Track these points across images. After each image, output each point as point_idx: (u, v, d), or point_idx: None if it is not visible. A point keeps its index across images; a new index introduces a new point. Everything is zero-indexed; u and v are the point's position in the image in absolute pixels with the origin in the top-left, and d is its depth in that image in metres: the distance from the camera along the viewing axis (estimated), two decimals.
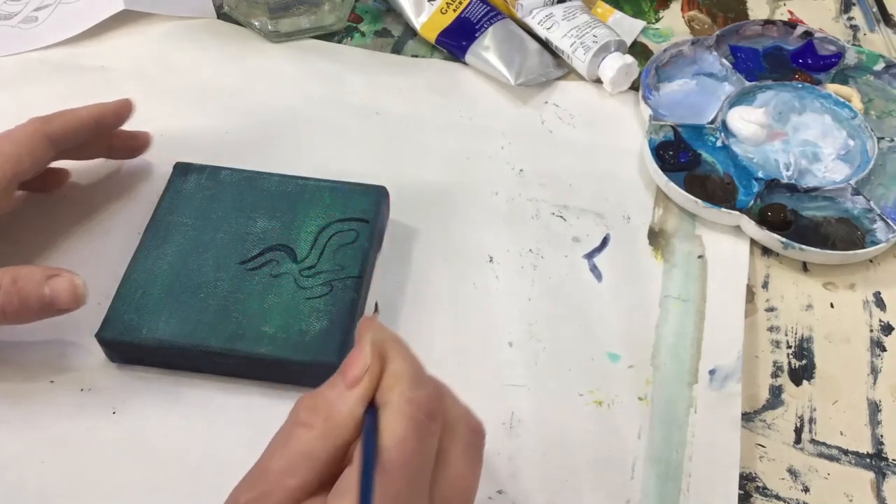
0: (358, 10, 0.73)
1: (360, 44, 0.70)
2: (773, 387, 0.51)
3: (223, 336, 0.47)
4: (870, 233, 0.57)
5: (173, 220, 0.53)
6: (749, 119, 0.61)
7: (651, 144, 0.60)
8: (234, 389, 0.49)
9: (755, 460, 0.48)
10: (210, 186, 0.55)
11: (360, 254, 0.51)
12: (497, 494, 0.45)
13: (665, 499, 0.46)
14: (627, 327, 0.53)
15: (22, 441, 0.47)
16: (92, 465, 0.46)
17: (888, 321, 0.54)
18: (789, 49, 0.69)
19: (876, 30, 0.73)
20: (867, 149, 0.61)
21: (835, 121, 0.63)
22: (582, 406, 0.49)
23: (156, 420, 0.48)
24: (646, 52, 0.70)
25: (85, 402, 0.48)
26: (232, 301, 0.49)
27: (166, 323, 0.48)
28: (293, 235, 0.52)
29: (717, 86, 0.66)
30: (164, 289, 0.49)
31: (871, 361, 0.52)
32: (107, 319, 0.48)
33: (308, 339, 0.47)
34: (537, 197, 0.59)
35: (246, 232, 0.52)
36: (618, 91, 0.66)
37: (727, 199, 0.58)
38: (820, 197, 0.58)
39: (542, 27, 0.68)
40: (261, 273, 0.50)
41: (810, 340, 0.53)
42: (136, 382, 0.49)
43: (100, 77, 0.65)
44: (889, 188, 0.59)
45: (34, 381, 0.49)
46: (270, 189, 0.55)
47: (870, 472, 0.48)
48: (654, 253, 0.57)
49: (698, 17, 0.74)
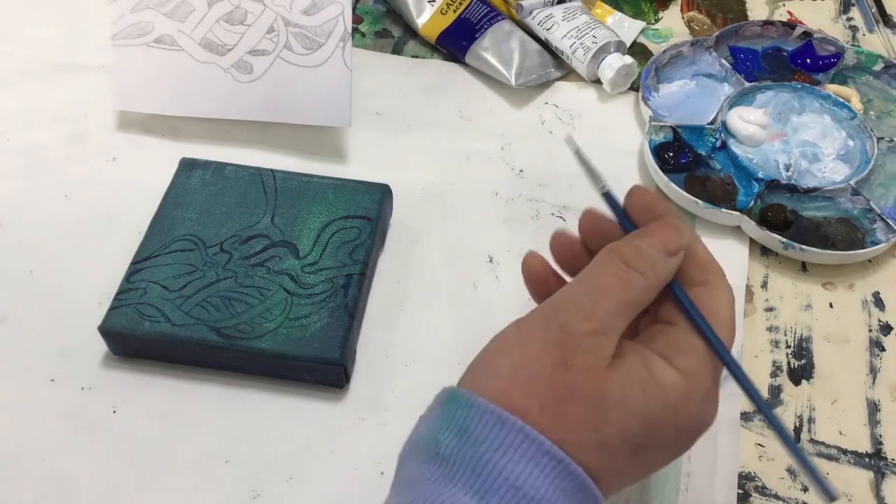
0: (358, 11, 0.73)
1: (360, 44, 0.70)
2: (772, 386, 0.51)
3: (225, 331, 0.48)
4: (869, 233, 0.57)
5: (178, 214, 0.53)
6: (749, 120, 0.61)
7: (651, 145, 0.61)
8: (235, 387, 0.49)
9: (754, 460, 0.48)
10: (215, 182, 0.55)
11: (363, 251, 0.51)
12: None
13: (664, 498, 0.46)
14: None
15: (22, 440, 0.47)
16: (92, 464, 0.46)
17: (887, 321, 0.54)
18: (788, 50, 0.69)
19: (875, 30, 0.74)
20: (867, 149, 0.61)
21: (834, 121, 0.63)
22: None
23: (156, 418, 0.48)
24: (645, 53, 0.70)
25: (85, 401, 0.48)
26: (234, 296, 0.49)
27: (169, 316, 0.48)
28: (296, 232, 0.52)
29: (716, 86, 0.66)
30: (168, 282, 0.49)
31: (870, 361, 0.53)
32: (110, 312, 0.48)
33: (309, 335, 0.48)
34: (537, 197, 0.60)
35: (249, 228, 0.52)
36: (617, 92, 0.66)
37: (727, 200, 0.58)
38: (820, 197, 0.58)
39: (541, 28, 0.68)
40: (263, 269, 0.50)
41: (809, 340, 0.53)
42: (137, 381, 0.49)
43: (100, 77, 0.65)
44: (889, 188, 0.59)
45: (34, 380, 0.49)
46: (274, 186, 0.55)
47: (869, 472, 0.48)
48: None
49: (697, 18, 0.74)
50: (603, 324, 0.34)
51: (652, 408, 0.33)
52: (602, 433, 0.32)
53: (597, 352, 0.33)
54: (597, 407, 0.32)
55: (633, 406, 0.33)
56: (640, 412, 0.33)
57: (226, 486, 0.46)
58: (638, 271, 0.35)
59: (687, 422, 0.34)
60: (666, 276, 0.36)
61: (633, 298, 0.34)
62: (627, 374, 0.33)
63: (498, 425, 0.31)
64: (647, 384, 0.33)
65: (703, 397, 0.34)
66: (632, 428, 0.33)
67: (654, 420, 0.33)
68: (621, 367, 0.33)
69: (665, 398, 0.33)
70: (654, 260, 0.35)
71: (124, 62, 0.60)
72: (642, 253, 0.35)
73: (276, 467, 0.46)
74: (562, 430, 0.32)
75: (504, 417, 0.31)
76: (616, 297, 0.34)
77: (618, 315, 0.34)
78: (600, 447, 0.32)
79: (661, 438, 0.34)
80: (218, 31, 0.60)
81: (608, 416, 0.32)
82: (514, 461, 0.31)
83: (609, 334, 0.34)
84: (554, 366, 0.32)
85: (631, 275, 0.35)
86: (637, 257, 0.35)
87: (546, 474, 0.31)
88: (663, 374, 0.34)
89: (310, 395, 0.49)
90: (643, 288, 0.35)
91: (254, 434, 0.47)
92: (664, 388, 0.33)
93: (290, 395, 0.49)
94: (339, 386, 0.49)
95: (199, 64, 0.60)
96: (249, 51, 0.60)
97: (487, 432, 0.31)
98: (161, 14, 0.60)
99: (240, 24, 0.60)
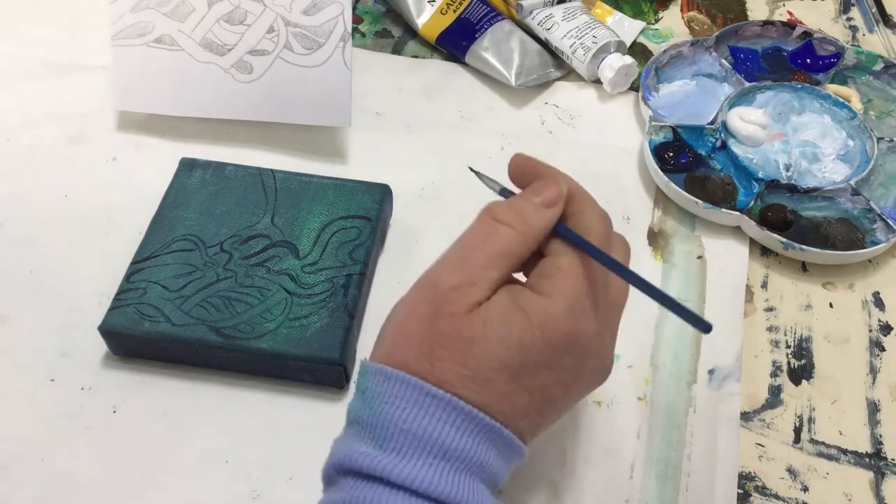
0: (358, 11, 0.73)
1: (360, 44, 0.70)
2: (772, 386, 0.51)
3: (225, 331, 0.48)
4: (869, 233, 0.57)
5: (178, 214, 0.53)
6: (749, 120, 0.61)
7: (651, 145, 0.61)
8: (235, 387, 0.49)
9: (754, 460, 0.48)
10: (215, 182, 0.55)
11: (363, 251, 0.51)
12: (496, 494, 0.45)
13: (664, 498, 0.46)
14: (627, 327, 0.52)
15: (22, 440, 0.47)
16: (92, 464, 0.46)
17: (887, 321, 0.54)
18: (788, 49, 0.69)
19: (875, 30, 0.74)
20: (867, 149, 0.61)
21: (834, 121, 0.63)
22: (581, 406, 0.49)
23: (156, 418, 0.48)
24: (645, 53, 0.70)
25: (85, 401, 0.48)
26: (234, 296, 0.49)
27: (169, 316, 0.48)
28: (296, 232, 0.52)
29: (716, 86, 0.66)
30: (168, 282, 0.49)
31: (870, 361, 0.53)
32: (110, 312, 0.48)
33: (309, 335, 0.48)
34: None
35: (249, 228, 0.52)
36: (617, 92, 0.66)
37: (727, 200, 0.58)
38: (820, 197, 0.58)
39: (541, 28, 0.68)
40: (263, 269, 0.50)
41: (809, 340, 0.53)
42: (137, 381, 0.49)
43: (100, 77, 0.65)
44: (889, 188, 0.59)
45: (35, 380, 0.49)
46: (274, 186, 0.55)
47: (869, 472, 0.48)
48: (654, 253, 0.57)
49: (697, 18, 0.74)
50: (471, 276, 0.36)
51: (515, 331, 0.35)
52: (471, 367, 0.35)
53: (463, 300, 0.36)
54: (462, 344, 0.35)
55: (494, 335, 0.35)
56: (502, 338, 0.35)
57: (226, 486, 0.46)
58: (505, 224, 0.37)
59: (559, 338, 0.36)
60: (542, 225, 0.38)
61: (501, 249, 0.37)
62: (489, 310, 0.36)
63: (385, 381, 0.35)
64: (507, 313, 0.36)
65: (567, 312, 0.36)
66: (498, 355, 0.35)
67: (520, 342, 0.35)
68: (485, 305, 0.36)
69: (527, 319, 0.35)
70: (524, 211, 0.38)
71: (124, 62, 0.60)
72: (512, 206, 0.38)
73: (276, 467, 0.46)
74: (437, 372, 0.35)
75: (388, 373, 0.35)
76: (484, 249, 0.37)
77: (486, 266, 0.36)
78: (474, 380, 0.35)
79: (537, 358, 0.35)
80: (218, 31, 0.60)
81: (473, 350, 0.35)
82: (401, 408, 0.34)
83: (479, 285, 0.36)
84: (426, 319, 0.36)
85: (498, 228, 0.37)
86: (505, 211, 0.38)
87: (431, 413, 0.34)
88: (526, 300, 0.36)
89: (310, 395, 0.49)
90: (512, 238, 0.37)
91: (254, 434, 0.47)
92: (526, 311, 0.36)
93: (290, 395, 0.49)
94: (339, 386, 0.49)
95: (199, 64, 0.60)
96: (249, 51, 0.60)
97: (378, 389, 0.35)
98: (161, 14, 0.60)
99: (240, 24, 0.60)
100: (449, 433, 0.34)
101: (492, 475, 0.36)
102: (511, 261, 0.37)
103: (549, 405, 0.37)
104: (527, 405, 0.36)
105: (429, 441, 0.34)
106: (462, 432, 0.35)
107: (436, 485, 0.33)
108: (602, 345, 0.38)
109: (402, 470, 0.33)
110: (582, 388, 0.39)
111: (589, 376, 0.38)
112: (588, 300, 0.37)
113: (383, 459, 0.34)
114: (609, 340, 0.39)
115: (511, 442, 0.36)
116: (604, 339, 0.38)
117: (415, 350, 0.36)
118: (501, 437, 0.36)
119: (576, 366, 0.37)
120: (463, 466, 0.34)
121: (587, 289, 0.37)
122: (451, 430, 0.34)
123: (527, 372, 0.36)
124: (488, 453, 0.35)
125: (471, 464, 0.35)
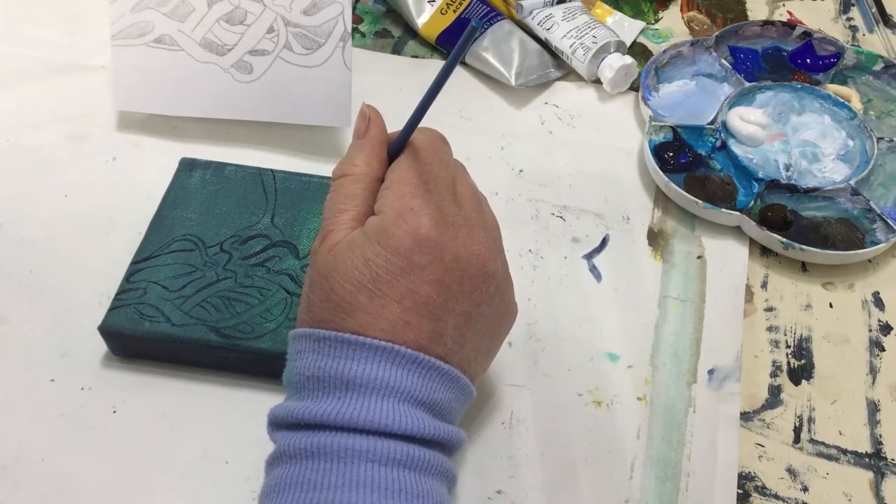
0: (358, 11, 0.73)
1: (360, 44, 0.70)
2: (772, 386, 0.51)
3: (225, 331, 0.48)
4: (869, 233, 0.57)
5: (177, 214, 0.53)
6: (749, 120, 0.61)
7: (651, 145, 0.61)
8: (235, 387, 0.49)
9: (754, 460, 0.48)
10: (215, 182, 0.55)
11: None
12: (496, 494, 0.46)
13: (664, 498, 0.46)
14: (627, 327, 0.53)
15: (22, 440, 0.47)
16: (92, 464, 0.46)
17: (887, 321, 0.54)
18: (788, 49, 0.69)
19: (875, 30, 0.74)
20: (867, 149, 0.61)
21: (834, 121, 0.63)
22: (581, 406, 0.49)
23: (156, 418, 0.48)
24: (645, 53, 0.70)
25: (85, 401, 0.48)
26: (234, 296, 0.49)
27: (168, 316, 0.48)
28: (296, 232, 0.52)
29: (716, 86, 0.66)
30: (168, 282, 0.49)
31: (870, 361, 0.53)
32: (110, 312, 0.48)
33: None
34: (537, 197, 0.60)
35: (249, 228, 0.52)
36: (617, 92, 0.66)
37: (727, 200, 0.58)
38: (820, 197, 0.58)
39: (541, 28, 0.68)
40: (263, 269, 0.50)
41: (809, 340, 0.53)
42: (137, 381, 0.49)
43: (100, 77, 0.65)
44: (889, 188, 0.59)
45: (34, 380, 0.49)
46: (274, 186, 0.55)
47: (868, 472, 0.48)
48: (654, 253, 0.57)
49: (697, 18, 0.74)
50: (326, 226, 0.40)
51: (357, 251, 0.38)
52: (334, 298, 0.38)
53: (326, 248, 0.39)
54: (323, 282, 0.38)
55: (343, 262, 0.38)
56: (349, 262, 0.38)
57: (226, 486, 0.46)
58: (340, 175, 0.42)
59: (397, 242, 0.37)
60: (365, 155, 0.42)
61: (344, 193, 0.41)
62: (339, 245, 0.39)
63: (292, 343, 0.40)
64: (352, 240, 0.39)
65: (396, 217, 0.38)
66: (350, 277, 0.38)
67: (364, 258, 0.38)
68: (336, 244, 0.39)
69: (365, 237, 0.38)
70: (348, 155, 0.42)
71: (124, 62, 0.60)
72: (345, 157, 0.43)
73: None
74: (315, 315, 0.39)
75: (292, 335, 0.40)
76: (332, 202, 0.41)
77: (337, 212, 0.40)
78: (341, 308, 0.38)
79: (388, 267, 0.37)
80: (218, 31, 0.60)
81: (330, 283, 0.38)
82: (302, 360, 0.38)
83: (336, 230, 0.40)
84: (308, 279, 0.40)
85: (337, 182, 0.42)
86: (337, 167, 0.42)
87: (320, 354, 0.37)
88: (367, 223, 0.39)
89: None
90: (348, 181, 0.41)
91: (254, 434, 0.47)
92: (364, 232, 0.39)
93: None
94: None
95: (199, 64, 0.60)
96: (249, 51, 0.60)
97: (290, 353, 0.40)
98: (161, 14, 0.60)
99: (240, 24, 0.60)
100: (343, 366, 0.37)
101: (406, 392, 0.37)
102: (357, 198, 0.41)
103: (427, 307, 0.38)
104: (400, 314, 0.37)
105: (323, 378, 0.37)
106: (351, 360, 0.37)
107: (342, 412, 0.36)
108: (456, 235, 0.38)
109: (312, 409, 0.36)
110: (467, 283, 0.39)
111: (464, 268, 0.38)
112: (416, 199, 0.38)
113: (299, 405, 0.37)
114: (476, 232, 0.39)
115: (398, 352, 0.37)
116: (458, 231, 0.39)
117: (304, 307, 0.40)
118: (386, 351, 0.37)
119: (433, 260, 0.38)
120: (368, 391, 0.36)
121: (413, 189, 0.39)
122: (346, 362, 0.37)
123: (384, 283, 0.37)
124: (382, 370, 0.37)
125: (375, 386, 0.36)
